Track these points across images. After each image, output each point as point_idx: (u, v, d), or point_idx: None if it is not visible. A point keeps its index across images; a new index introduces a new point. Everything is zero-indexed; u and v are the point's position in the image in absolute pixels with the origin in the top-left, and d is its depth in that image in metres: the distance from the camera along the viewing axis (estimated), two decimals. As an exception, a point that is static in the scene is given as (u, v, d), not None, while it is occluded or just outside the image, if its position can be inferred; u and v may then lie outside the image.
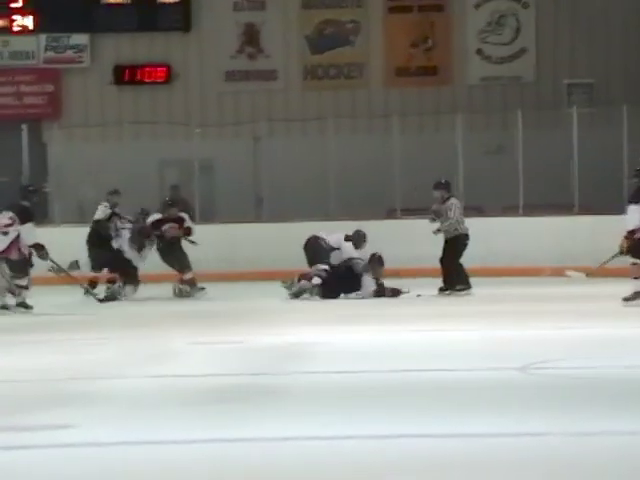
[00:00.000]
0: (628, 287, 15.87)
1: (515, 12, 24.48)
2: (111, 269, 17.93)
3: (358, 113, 23.74)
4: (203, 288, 17.70)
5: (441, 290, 17.18)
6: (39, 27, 24.46)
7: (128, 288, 17.59)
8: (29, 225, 15.93)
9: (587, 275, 17.83)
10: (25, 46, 24.63)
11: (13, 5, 24.40)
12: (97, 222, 18.33)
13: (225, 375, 10.06)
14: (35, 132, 23.57)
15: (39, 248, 15.92)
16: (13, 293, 16.73)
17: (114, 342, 12.69)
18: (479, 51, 24.57)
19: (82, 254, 18.37)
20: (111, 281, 17.90)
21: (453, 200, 17.74)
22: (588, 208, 20.65)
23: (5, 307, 16.38)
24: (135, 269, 17.68)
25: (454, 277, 17.16)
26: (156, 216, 18.06)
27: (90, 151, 23.14)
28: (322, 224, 20.34)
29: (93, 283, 18.04)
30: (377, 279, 16.86)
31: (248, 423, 7.78)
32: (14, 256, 15.88)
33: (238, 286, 19.44)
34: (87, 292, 17.46)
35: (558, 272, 19.38)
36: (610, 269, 17.82)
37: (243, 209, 21.53)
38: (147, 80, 24.77)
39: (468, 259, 17.58)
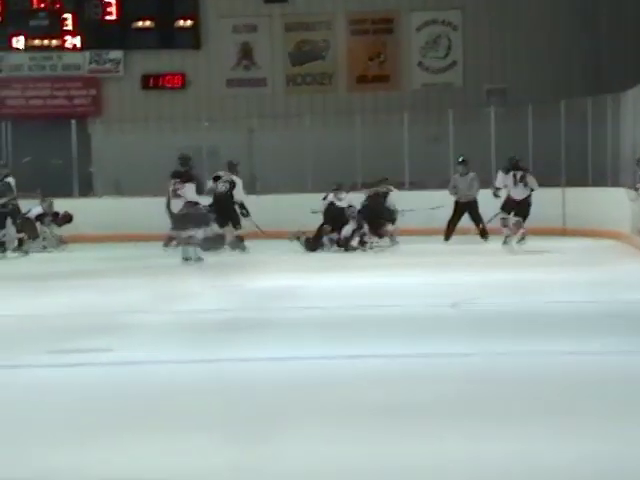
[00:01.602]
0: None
1: (447, 34, 24.38)
2: None
3: (328, 112, 23.63)
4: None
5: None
6: (85, 45, 24.26)
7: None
8: (190, 185, 15.24)
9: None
10: (74, 60, 24.42)
11: (65, 28, 24.21)
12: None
13: (227, 310, 10.06)
14: (82, 126, 23.41)
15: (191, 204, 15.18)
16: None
17: (145, 285, 12.64)
18: (420, 64, 24.46)
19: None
20: None
21: (472, 174, 18.51)
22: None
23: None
24: None
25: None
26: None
27: (124, 141, 22.99)
28: (301, 195, 20.35)
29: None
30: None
31: (242, 346, 7.80)
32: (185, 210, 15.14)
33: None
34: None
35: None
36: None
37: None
38: (167, 86, 24.61)
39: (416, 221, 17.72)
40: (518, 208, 16.94)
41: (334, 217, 16.94)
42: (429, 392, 6.01)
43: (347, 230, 16.78)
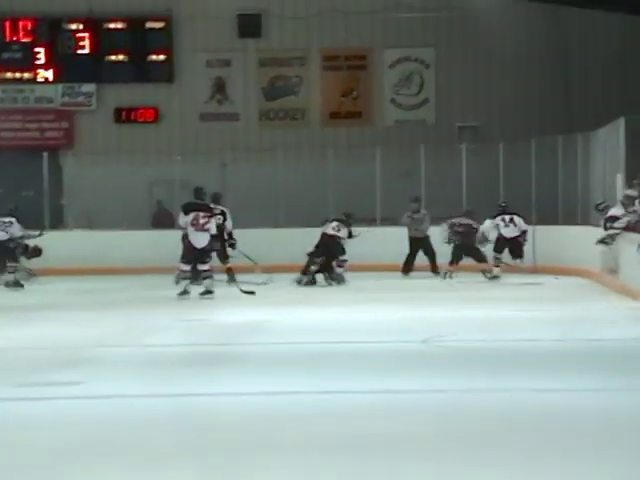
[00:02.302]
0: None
1: (420, 71, 24.53)
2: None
3: (301, 146, 23.69)
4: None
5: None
6: (57, 78, 24.23)
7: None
8: (214, 219, 15.07)
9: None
10: (47, 93, 24.38)
11: (38, 62, 24.19)
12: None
13: (196, 345, 10.02)
14: (54, 158, 23.33)
15: (214, 238, 15.01)
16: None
17: (114, 319, 12.57)
18: (393, 100, 24.58)
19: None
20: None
21: (424, 211, 19.18)
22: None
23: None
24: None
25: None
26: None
27: (96, 173, 22.94)
28: (273, 231, 20.35)
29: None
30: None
31: (211, 381, 7.76)
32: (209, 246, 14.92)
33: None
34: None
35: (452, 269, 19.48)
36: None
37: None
38: (140, 119, 24.59)
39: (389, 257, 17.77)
40: (511, 245, 17.89)
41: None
42: (397, 427, 6.00)
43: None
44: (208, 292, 14.78)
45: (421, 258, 18.87)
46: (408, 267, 18.78)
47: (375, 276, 17.73)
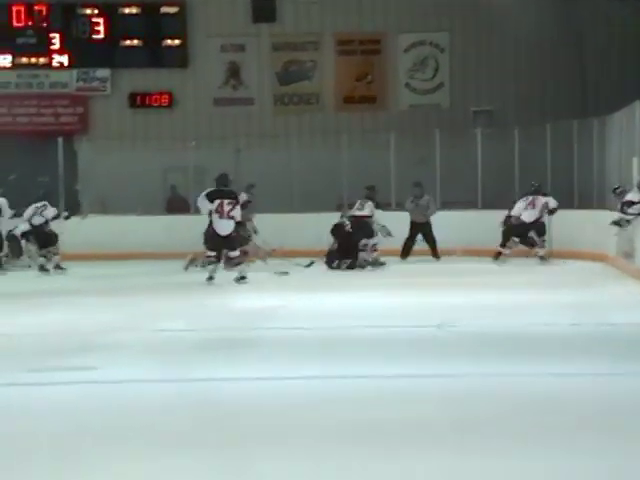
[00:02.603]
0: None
1: (435, 55, 24.48)
2: None
3: (315, 131, 23.67)
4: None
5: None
6: (72, 63, 24.28)
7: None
8: (239, 206, 14.89)
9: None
10: (62, 78, 24.42)
11: (53, 47, 24.23)
12: None
13: (210, 330, 10.04)
14: (68, 144, 23.37)
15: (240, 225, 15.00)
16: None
17: (129, 304, 12.60)
18: (407, 85, 24.53)
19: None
20: None
21: (427, 196, 19.06)
22: (489, 204, 20.72)
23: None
24: None
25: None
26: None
27: (110, 159, 23.00)
28: (288, 215, 20.37)
29: None
30: None
31: (227, 366, 7.78)
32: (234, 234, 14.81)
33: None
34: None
35: (466, 253, 19.49)
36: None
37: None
38: (154, 104, 24.61)
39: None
40: (532, 228, 18.11)
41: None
42: (412, 412, 6.02)
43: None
44: (242, 278, 14.69)
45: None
46: (407, 251, 18.80)
47: (390, 261, 17.72)
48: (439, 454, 5.08)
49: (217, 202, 14.76)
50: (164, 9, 24.25)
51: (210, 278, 14.65)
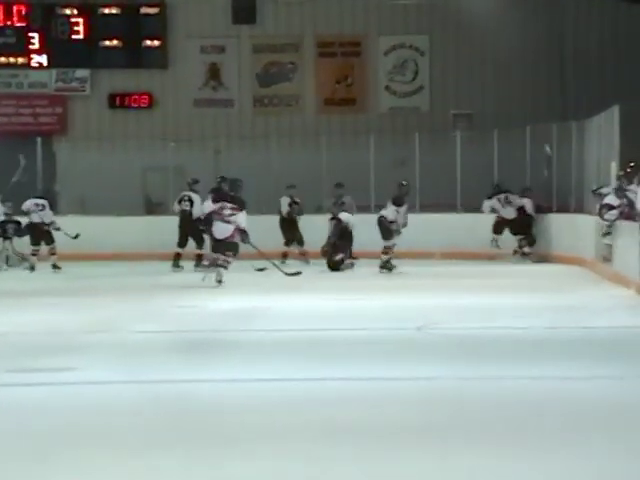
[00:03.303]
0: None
1: (414, 58, 24.53)
2: None
3: (295, 133, 23.70)
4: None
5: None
6: (51, 63, 24.22)
7: None
8: (244, 213, 14.59)
9: None
10: (40, 78, 24.36)
11: (32, 47, 24.16)
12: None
13: (192, 331, 10.03)
14: (47, 144, 23.34)
15: (244, 233, 14.52)
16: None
17: (107, 305, 12.56)
18: (387, 87, 24.58)
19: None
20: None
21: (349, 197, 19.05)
22: (467, 207, 20.79)
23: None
24: None
25: None
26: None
27: (90, 159, 22.95)
28: (266, 217, 20.32)
29: None
30: None
31: (204, 368, 7.77)
32: (235, 239, 14.52)
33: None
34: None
35: (445, 255, 19.54)
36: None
37: (207, 205, 21.34)
38: (134, 105, 24.58)
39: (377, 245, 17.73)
40: (512, 226, 19.04)
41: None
42: (392, 414, 6.02)
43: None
44: (218, 281, 14.52)
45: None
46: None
47: (370, 263, 17.72)
48: (421, 456, 5.09)
49: (219, 205, 14.74)
50: (144, 10, 24.22)
51: (219, 281, 14.50)
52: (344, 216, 17.80)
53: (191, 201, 17.71)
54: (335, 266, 17.31)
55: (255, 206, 20.10)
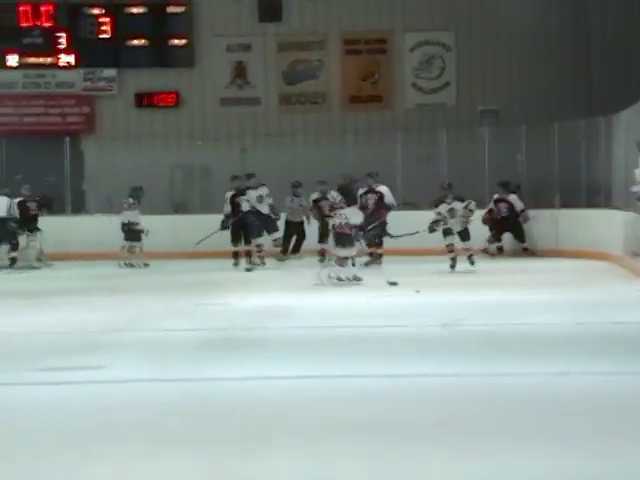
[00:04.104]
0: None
1: (441, 54, 24.49)
2: None
3: (321, 131, 23.71)
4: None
5: None
6: (79, 63, 24.35)
7: None
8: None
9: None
10: (68, 78, 24.49)
11: (59, 47, 24.30)
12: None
13: (217, 329, 10.05)
14: (75, 144, 23.46)
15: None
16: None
17: (135, 303, 12.61)
18: (414, 84, 24.55)
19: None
20: None
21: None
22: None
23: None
24: None
25: None
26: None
27: (117, 158, 23.06)
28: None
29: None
30: None
31: (232, 365, 7.79)
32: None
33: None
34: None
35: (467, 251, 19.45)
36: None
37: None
38: (161, 104, 24.67)
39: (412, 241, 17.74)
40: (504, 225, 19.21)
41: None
42: (415, 411, 6.02)
43: None
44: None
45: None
46: (286, 250, 19.15)
47: (397, 260, 17.69)
48: (434, 453, 5.09)
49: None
50: (170, 9, 24.30)
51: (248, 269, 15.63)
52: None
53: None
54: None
55: (280, 204, 20.22)
